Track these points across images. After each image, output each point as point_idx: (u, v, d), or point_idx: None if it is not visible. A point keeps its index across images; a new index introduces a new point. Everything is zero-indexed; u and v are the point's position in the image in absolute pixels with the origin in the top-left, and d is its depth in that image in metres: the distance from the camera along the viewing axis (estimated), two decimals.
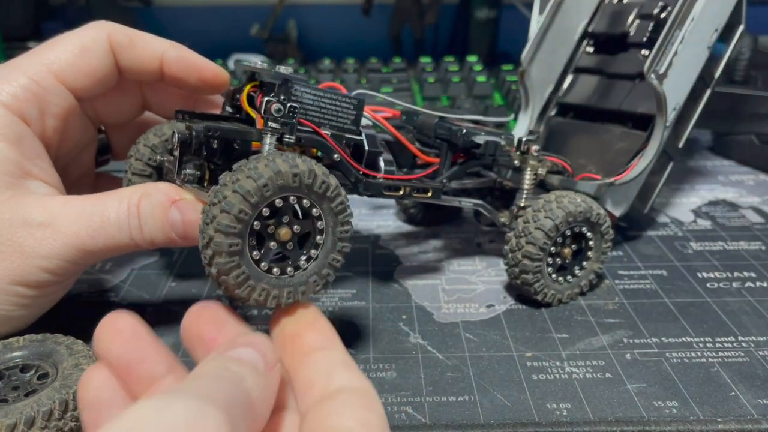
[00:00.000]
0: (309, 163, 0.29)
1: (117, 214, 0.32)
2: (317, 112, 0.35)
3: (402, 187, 0.37)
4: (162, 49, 0.37)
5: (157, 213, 0.32)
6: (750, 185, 0.58)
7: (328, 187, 0.29)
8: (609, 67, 0.49)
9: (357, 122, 0.36)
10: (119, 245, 0.32)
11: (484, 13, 0.85)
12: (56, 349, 0.31)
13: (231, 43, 0.89)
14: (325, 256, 0.30)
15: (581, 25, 0.51)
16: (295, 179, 0.28)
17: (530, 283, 0.38)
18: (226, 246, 0.27)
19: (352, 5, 0.90)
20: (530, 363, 0.35)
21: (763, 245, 0.47)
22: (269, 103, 0.32)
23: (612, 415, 0.31)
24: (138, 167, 0.38)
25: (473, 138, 0.39)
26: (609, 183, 0.42)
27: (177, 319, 0.38)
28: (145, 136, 0.39)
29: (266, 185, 0.28)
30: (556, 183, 0.43)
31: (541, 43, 0.50)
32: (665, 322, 0.38)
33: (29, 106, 0.34)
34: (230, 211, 0.27)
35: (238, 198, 0.27)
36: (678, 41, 0.40)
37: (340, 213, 0.30)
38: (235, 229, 0.27)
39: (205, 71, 0.38)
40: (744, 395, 0.32)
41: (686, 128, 0.45)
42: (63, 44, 0.35)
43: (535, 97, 0.52)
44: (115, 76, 0.37)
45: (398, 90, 0.70)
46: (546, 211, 0.38)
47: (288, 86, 0.33)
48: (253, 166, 0.28)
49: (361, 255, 0.46)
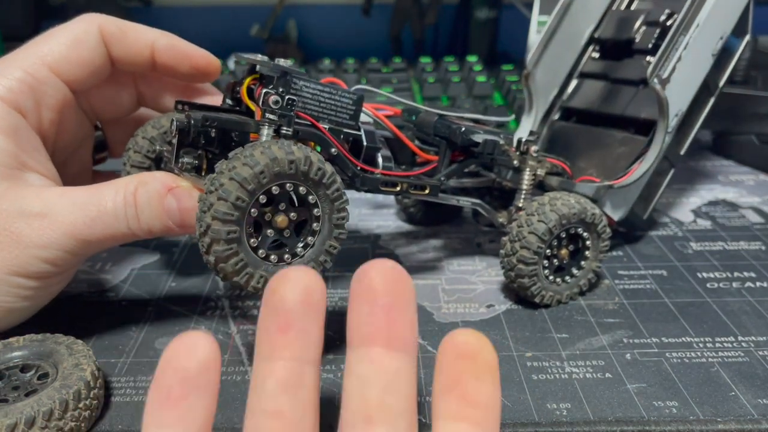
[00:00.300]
0: (305, 150, 0.29)
1: (114, 204, 0.32)
2: (316, 106, 0.35)
3: (399, 183, 0.37)
4: (153, 38, 0.37)
5: (154, 201, 0.32)
6: (750, 185, 0.58)
7: (324, 174, 0.30)
8: (614, 73, 0.49)
9: (356, 117, 0.36)
10: (116, 235, 0.33)
11: (484, 13, 0.85)
12: (56, 349, 0.31)
13: (231, 43, 0.89)
14: (322, 243, 0.30)
15: (588, 31, 0.51)
16: (291, 166, 0.28)
17: (527, 286, 0.38)
18: (224, 233, 0.27)
19: (352, 5, 0.90)
20: (530, 363, 0.35)
21: (763, 245, 0.47)
22: (267, 95, 0.32)
23: (612, 415, 0.31)
24: (136, 159, 0.38)
25: (472, 136, 0.39)
26: (608, 185, 0.42)
27: (177, 319, 0.38)
28: (144, 128, 0.39)
29: (262, 172, 0.28)
30: (555, 184, 0.43)
31: (547, 46, 0.50)
32: (665, 322, 0.38)
33: (25, 98, 0.34)
34: (227, 199, 0.27)
35: (234, 185, 0.27)
36: (682, 47, 0.40)
37: (336, 200, 0.30)
38: (232, 217, 0.27)
39: (197, 58, 0.38)
40: (744, 395, 0.32)
41: (689, 135, 0.45)
42: (56, 37, 0.36)
43: (539, 101, 0.52)
44: (108, 67, 0.37)
45: (398, 90, 0.70)
46: (539, 215, 0.37)
47: (287, 79, 0.33)
48: (249, 153, 0.28)
49: (361, 255, 0.46)
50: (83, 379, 0.29)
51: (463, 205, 0.42)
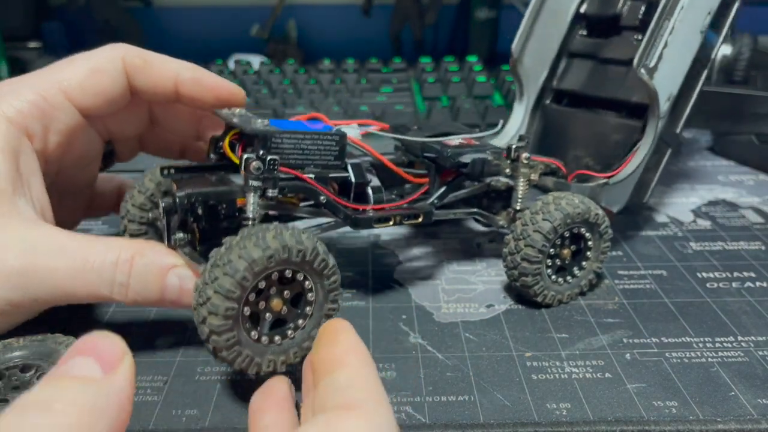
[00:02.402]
0: (313, 240, 0.30)
1: (102, 263, 0.31)
2: (299, 155, 0.35)
3: (392, 217, 0.37)
4: (177, 70, 0.37)
5: (153, 275, 0.32)
6: (750, 185, 0.58)
7: (326, 266, 0.30)
8: (603, 52, 0.48)
9: (341, 157, 0.36)
10: (92, 294, 0.31)
11: (483, 13, 0.86)
12: (56, 349, 0.31)
13: (231, 43, 0.89)
14: (310, 329, 0.31)
15: (573, 7, 0.50)
16: (299, 254, 0.29)
17: (530, 285, 0.38)
18: (222, 309, 0.28)
19: (352, 5, 0.91)
20: (530, 363, 0.35)
21: (762, 245, 0.47)
22: (248, 162, 0.32)
23: (611, 414, 0.31)
24: (135, 214, 0.39)
25: (460, 158, 0.39)
26: (603, 183, 0.42)
27: (177, 319, 0.38)
28: (141, 181, 0.39)
29: (272, 256, 0.28)
30: (551, 185, 0.42)
31: (533, 28, 0.49)
32: (665, 322, 0.38)
33: (34, 121, 0.34)
34: (233, 276, 0.28)
35: (243, 264, 0.28)
36: (668, 32, 0.39)
37: (332, 291, 0.31)
38: (234, 294, 0.28)
39: (221, 91, 0.38)
40: (743, 395, 0.32)
41: (683, 113, 0.44)
42: (76, 64, 0.36)
43: (530, 85, 0.51)
44: (126, 98, 0.37)
45: (398, 90, 0.71)
46: (544, 213, 0.37)
47: (266, 139, 0.33)
48: (262, 236, 0.29)
49: (361, 255, 0.46)
50: None
51: (461, 218, 0.42)
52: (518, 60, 0.50)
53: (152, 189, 0.39)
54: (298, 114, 0.62)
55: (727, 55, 0.70)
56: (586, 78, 0.49)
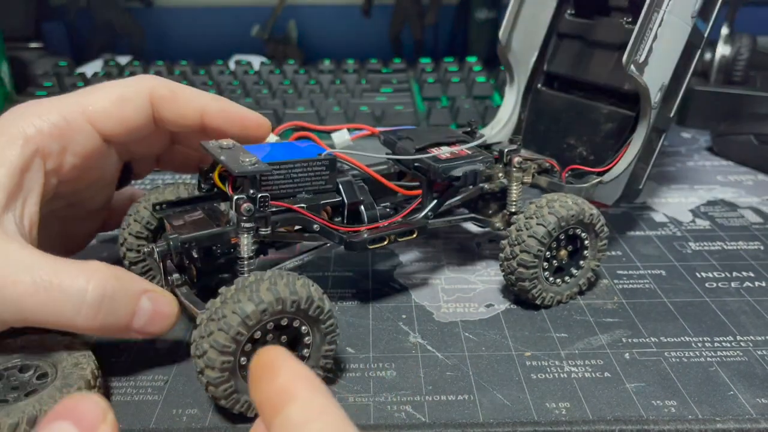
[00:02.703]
0: (308, 287, 0.30)
1: (71, 282, 0.29)
2: (290, 184, 0.35)
3: (387, 236, 0.37)
4: (204, 102, 0.37)
5: (125, 298, 0.31)
6: (749, 185, 0.58)
7: (321, 312, 0.31)
8: (592, 34, 0.47)
9: (332, 180, 0.36)
10: (55, 313, 0.29)
11: (483, 14, 0.86)
12: (55, 349, 0.31)
13: (231, 43, 0.89)
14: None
15: None
16: (293, 305, 0.29)
17: (528, 289, 0.38)
18: (219, 363, 0.28)
19: (352, 5, 0.91)
20: (529, 362, 0.35)
21: (761, 245, 0.47)
22: (239, 204, 0.32)
23: (611, 414, 0.31)
24: (135, 229, 0.39)
25: (452, 172, 0.38)
26: (596, 183, 0.41)
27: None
28: (146, 197, 0.39)
29: (265, 310, 0.29)
30: (545, 185, 0.42)
31: (519, 11, 0.48)
32: (664, 322, 0.38)
33: (52, 141, 0.33)
34: (228, 332, 0.28)
35: (237, 320, 0.28)
36: (656, 25, 0.38)
37: (328, 334, 0.31)
38: (229, 349, 0.28)
39: (248, 121, 0.38)
40: (742, 394, 0.32)
41: (676, 98, 0.43)
42: (104, 90, 0.36)
43: (520, 70, 0.50)
44: (150, 127, 0.37)
45: (398, 90, 0.71)
46: (538, 218, 0.37)
47: (255, 180, 0.33)
48: (255, 288, 0.29)
49: (361, 255, 0.46)
50: (84, 378, 0.29)
51: (456, 223, 0.42)
52: (506, 46, 0.48)
53: (147, 217, 0.39)
54: (298, 114, 0.62)
55: (726, 55, 0.70)
56: (576, 61, 0.47)
